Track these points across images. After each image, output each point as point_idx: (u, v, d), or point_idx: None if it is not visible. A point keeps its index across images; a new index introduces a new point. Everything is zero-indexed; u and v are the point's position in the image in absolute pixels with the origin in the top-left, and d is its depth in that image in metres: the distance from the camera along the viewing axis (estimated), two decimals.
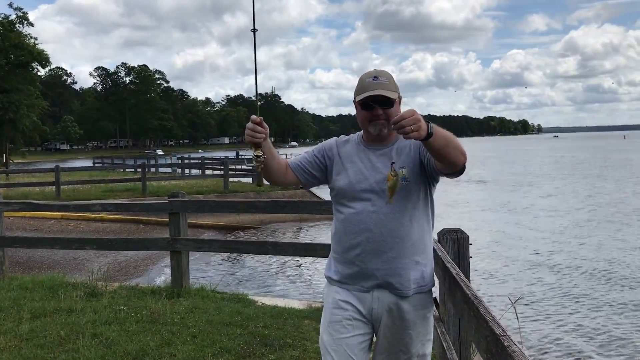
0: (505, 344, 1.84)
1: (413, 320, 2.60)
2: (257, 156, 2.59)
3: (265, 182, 2.73)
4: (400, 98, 2.66)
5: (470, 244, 3.73)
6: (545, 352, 6.84)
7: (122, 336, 5.40)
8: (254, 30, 2.70)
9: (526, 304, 8.57)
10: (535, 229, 16.12)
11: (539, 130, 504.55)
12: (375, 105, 2.57)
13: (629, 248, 13.11)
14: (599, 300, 9.03)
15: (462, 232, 3.73)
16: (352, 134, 2.82)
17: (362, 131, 2.74)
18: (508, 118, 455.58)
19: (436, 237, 3.87)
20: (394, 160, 2.60)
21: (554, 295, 9.42)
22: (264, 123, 2.53)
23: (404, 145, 2.64)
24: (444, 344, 3.54)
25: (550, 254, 12.70)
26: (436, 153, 2.39)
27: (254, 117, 2.52)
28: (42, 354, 4.96)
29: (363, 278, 2.59)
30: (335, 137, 2.86)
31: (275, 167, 2.66)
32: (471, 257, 3.77)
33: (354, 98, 2.68)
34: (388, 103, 2.58)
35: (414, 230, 2.58)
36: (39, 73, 53.69)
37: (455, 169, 2.48)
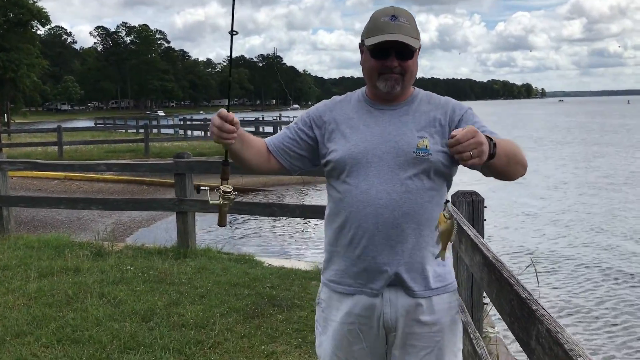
0: (533, 307, 1.78)
1: (439, 326, 2.07)
2: (225, 193, 2.06)
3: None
4: (420, 47, 2.07)
5: (485, 207, 3.67)
6: (566, 315, 6.86)
7: (129, 296, 5.41)
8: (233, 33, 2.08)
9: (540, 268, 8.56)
10: (547, 195, 16.08)
11: (543, 94, 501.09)
12: (391, 54, 1.99)
13: None
14: (613, 263, 9.03)
15: (477, 194, 3.67)
16: (349, 93, 2.21)
17: (365, 87, 2.16)
18: (512, 82, 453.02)
19: (450, 199, 3.81)
20: (409, 122, 2.04)
21: (563, 257, 9.43)
22: (236, 118, 1.95)
23: (426, 110, 2.07)
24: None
25: (559, 216, 12.70)
26: (494, 173, 1.95)
27: (222, 110, 1.94)
28: (51, 313, 4.97)
29: (371, 277, 2.03)
30: (325, 100, 2.24)
31: (253, 158, 2.13)
32: (485, 219, 3.72)
33: (362, 41, 2.08)
34: (407, 53, 2.00)
35: (435, 213, 2.01)
36: (38, 32, 53.06)
37: (507, 181, 2.04)
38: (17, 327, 4.65)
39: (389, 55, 2.00)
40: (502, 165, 1.89)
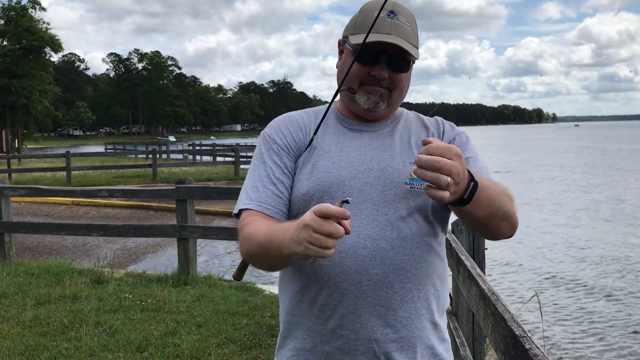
0: (527, 346, 1.67)
1: None
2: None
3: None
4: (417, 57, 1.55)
5: None
6: (565, 351, 6.65)
7: (126, 325, 5.30)
8: None
9: (544, 298, 8.36)
10: (555, 220, 15.87)
11: (554, 119, 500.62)
12: (381, 60, 1.49)
13: None
14: (624, 294, 8.81)
15: None
16: (311, 109, 1.67)
17: (335, 102, 1.63)
18: (522, 107, 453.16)
19: (450, 228, 3.70)
20: (395, 145, 1.54)
21: (572, 288, 9.21)
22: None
23: (415, 131, 1.60)
24: (457, 339, 3.39)
25: (569, 246, 12.48)
26: (471, 223, 1.47)
27: (334, 209, 1.19)
28: (44, 342, 4.86)
29: (351, 359, 1.48)
30: (283, 118, 1.66)
31: None
32: (487, 248, 3.60)
33: (344, 37, 1.58)
34: (402, 63, 1.51)
35: (435, 267, 1.53)
36: (51, 59, 53.92)
37: (493, 239, 1.56)
38: (8, 358, 4.55)
39: (377, 62, 1.50)
40: (481, 216, 1.38)
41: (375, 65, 1.50)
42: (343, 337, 1.47)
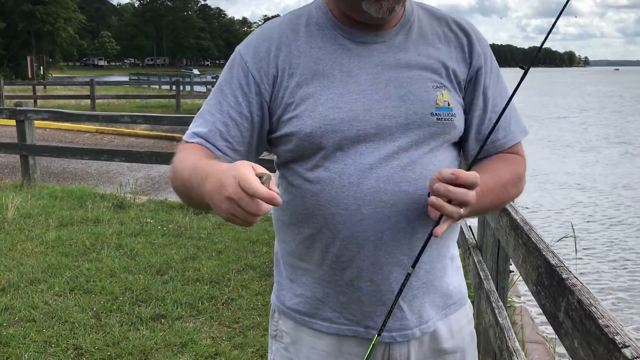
0: (564, 275, 1.57)
1: (462, 352, 1.42)
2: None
3: None
4: None
5: None
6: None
7: (146, 248, 5.33)
8: None
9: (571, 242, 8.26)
10: (584, 163, 15.58)
11: (586, 63, 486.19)
12: None
13: None
14: None
15: None
16: (296, 11, 1.34)
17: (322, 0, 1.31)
18: (553, 49, 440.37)
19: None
20: (411, 62, 1.26)
21: (601, 231, 9.09)
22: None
23: (433, 38, 1.30)
24: (480, 273, 3.31)
25: (596, 190, 12.28)
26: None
27: (262, 191, 0.95)
28: (67, 262, 4.92)
29: (372, 311, 1.29)
30: (260, 31, 1.34)
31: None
32: None
33: None
34: None
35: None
36: None
37: None
38: (32, 274, 4.61)
39: None
40: (484, 210, 1.35)
41: None
42: (362, 289, 1.28)
